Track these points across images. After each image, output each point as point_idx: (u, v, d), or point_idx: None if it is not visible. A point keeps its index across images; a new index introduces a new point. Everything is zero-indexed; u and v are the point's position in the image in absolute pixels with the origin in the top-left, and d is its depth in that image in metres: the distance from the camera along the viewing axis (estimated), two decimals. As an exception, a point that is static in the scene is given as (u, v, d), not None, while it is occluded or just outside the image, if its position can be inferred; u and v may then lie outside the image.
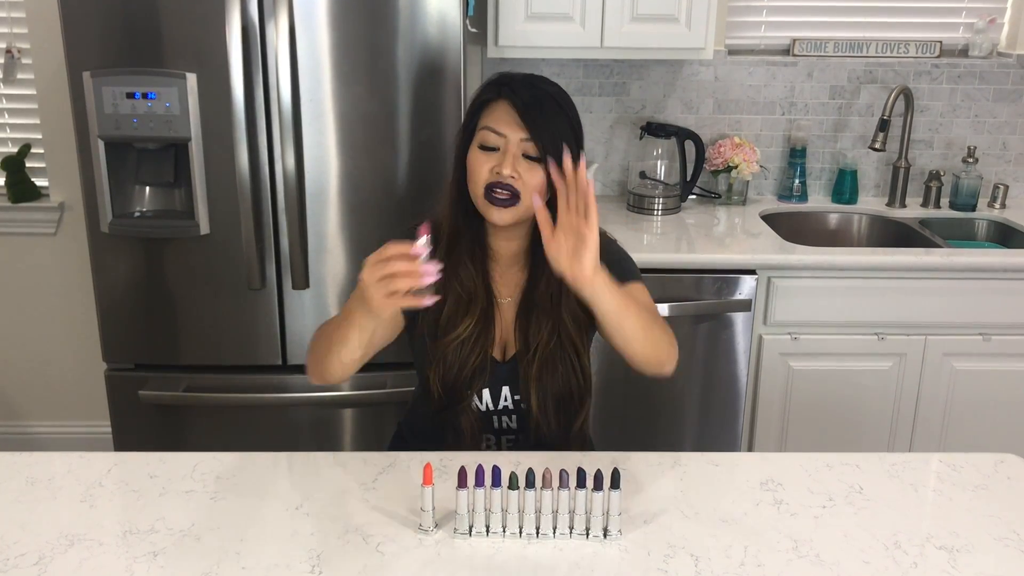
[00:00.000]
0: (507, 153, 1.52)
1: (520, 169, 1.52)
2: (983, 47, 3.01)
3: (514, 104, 1.53)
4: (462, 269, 1.60)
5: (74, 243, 3.00)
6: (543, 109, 1.53)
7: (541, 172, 1.52)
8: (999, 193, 3.01)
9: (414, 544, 1.29)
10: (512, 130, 1.52)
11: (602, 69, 2.99)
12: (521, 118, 1.52)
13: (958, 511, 1.39)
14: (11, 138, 2.99)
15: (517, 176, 1.51)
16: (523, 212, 1.54)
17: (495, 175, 1.52)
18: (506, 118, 1.53)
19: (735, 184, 3.01)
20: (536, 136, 1.51)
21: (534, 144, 1.52)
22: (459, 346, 1.59)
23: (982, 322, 2.57)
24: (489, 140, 1.54)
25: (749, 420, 2.66)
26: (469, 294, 1.60)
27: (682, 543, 1.30)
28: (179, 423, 2.50)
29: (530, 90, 1.55)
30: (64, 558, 1.25)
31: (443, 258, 1.58)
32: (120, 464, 1.51)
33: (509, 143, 1.52)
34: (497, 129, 1.53)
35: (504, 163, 1.51)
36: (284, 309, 2.41)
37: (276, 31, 2.16)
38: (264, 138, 2.27)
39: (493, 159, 1.53)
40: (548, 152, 1.51)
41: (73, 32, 2.20)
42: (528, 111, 1.52)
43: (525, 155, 1.53)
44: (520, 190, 1.52)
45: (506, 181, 1.51)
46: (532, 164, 1.53)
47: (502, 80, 1.58)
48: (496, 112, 1.54)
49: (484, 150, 1.54)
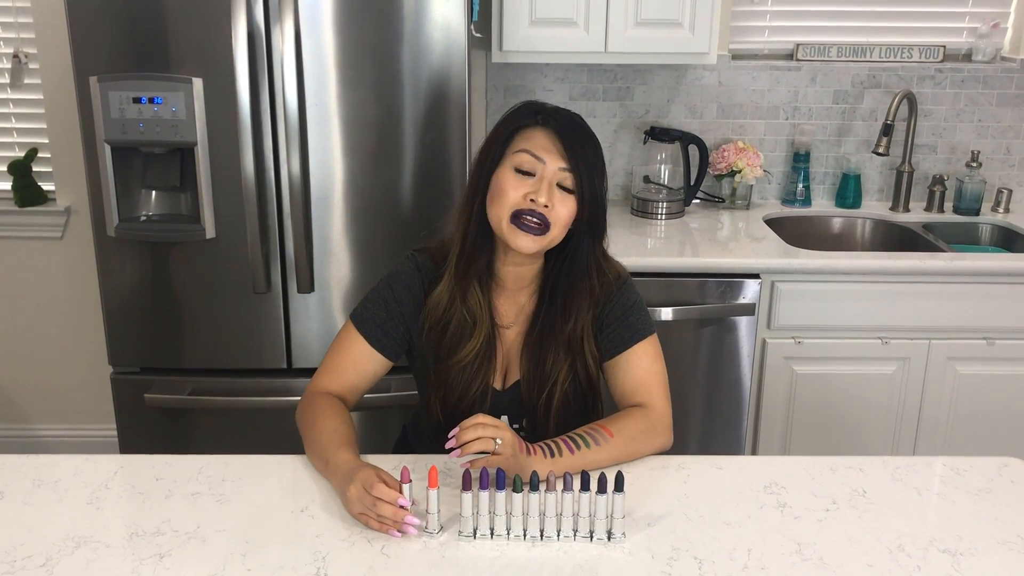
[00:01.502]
0: (543, 180, 1.50)
1: (554, 200, 1.50)
2: (987, 51, 3.01)
3: (557, 132, 1.51)
4: (470, 294, 1.58)
5: (80, 247, 3.01)
6: (581, 141, 1.52)
7: (573, 205, 1.51)
8: (1003, 197, 3.01)
9: (419, 546, 1.29)
10: (552, 158, 1.50)
11: (606, 74, 2.99)
12: (564, 147, 1.50)
13: (962, 515, 1.39)
14: (18, 142, 3.00)
15: (551, 206, 1.50)
16: (547, 243, 1.52)
17: (528, 202, 1.49)
18: (547, 145, 1.51)
19: (739, 188, 3.01)
20: (575, 167, 1.50)
21: (572, 175, 1.50)
22: (461, 371, 1.59)
23: (986, 326, 2.57)
24: (526, 164, 1.51)
25: (753, 424, 2.66)
26: (474, 318, 1.58)
27: (686, 546, 1.30)
28: (185, 426, 2.51)
29: (568, 121, 1.54)
30: (71, 560, 1.26)
31: (453, 279, 1.58)
32: (126, 466, 1.51)
33: (546, 171, 1.50)
34: (537, 154, 1.50)
35: (540, 191, 1.49)
36: (289, 313, 2.42)
37: (282, 36, 2.17)
38: (270, 142, 2.28)
39: (527, 185, 1.50)
40: (583, 186, 1.51)
41: (80, 37, 2.21)
42: (569, 141, 1.51)
43: (559, 185, 1.51)
44: (551, 221, 1.50)
45: (539, 210, 1.49)
46: (565, 195, 1.51)
47: (536, 108, 1.56)
48: (536, 138, 1.52)
49: (519, 173, 1.51)
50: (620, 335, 1.61)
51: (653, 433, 1.55)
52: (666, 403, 1.60)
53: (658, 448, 1.56)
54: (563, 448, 1.44)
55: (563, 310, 1.59)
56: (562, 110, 1.57)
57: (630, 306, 1.63)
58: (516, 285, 1.63)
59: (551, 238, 1.52)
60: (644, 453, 1.54)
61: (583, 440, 1.46)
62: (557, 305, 1.59)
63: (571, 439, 1.46)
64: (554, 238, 1.52)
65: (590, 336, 1.61)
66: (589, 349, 1.61)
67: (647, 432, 1.54)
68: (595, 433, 1.48)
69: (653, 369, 1.61)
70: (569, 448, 1.44)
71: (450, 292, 1.58)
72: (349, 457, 1.41)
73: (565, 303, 1.59)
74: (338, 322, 2.42)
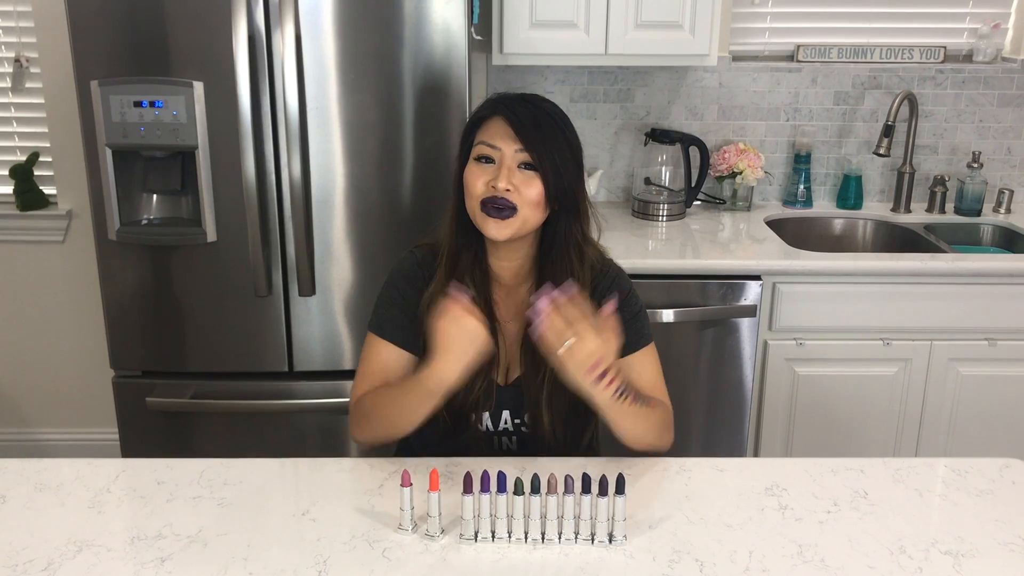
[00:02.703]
0: (502, 166, 1.52)
1: (516, 181, 1.52)
2: (987, 52, 3.01)
3: (508, 118, 1.54)
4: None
5: (82, 251, 3.02)
6: (538, 123, 1.54)
7: (538, 183, 1.52)
8: (1004, 198, 3.01)
9: (420, 549, 1.29)
10: (506, 143, 1.53)
11: (607, 76, 3.00)
12: (515, 131, 1.52)
13: (963, 516, 1.39)
14: (19, 146, 3.00)
15: (513, 189, 1.51)
16: (520, 226, 1.54)
17: (491, 189, 1.52)
18: (500, 131, 1.54)
19: (740, 190, 3.01)
20: (530, 147, 1.52)
21: (529, 154, 1.52)
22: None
23: (988, 327, 2.57)
24: (484, 152, 1.54)
25: (755, 425, 2.66)
26: None
27: (687, 548, 1.30)
28: (186, 429, 2.51)
29: (525, 106, 1.56)
30: (72, 564, 1.26)
31: (444, 279, 1.60)
32: (128, 470, 1.51)
33: (504, 155, 1.53)
34: (491, 142, 1.53)
35: (500, 176, 1.51)
36: (291, 316, 2.42)
37: (282, 39, 2.17)
38: (270, 146, 2.28)
39: (489, 172, 1.53)
40: (544, 161, 1.52)
41: (81, 41, 2.22)
42: (522, 124, 1.53)
43: (523, 166, 1.53)
44: (517, 203, 1.52)
45: (501, 195, 1.51)
46: (529, 175, 1.53)
47: (497, 99, 1.59)
48: (491, 127, 1.55)
49: (479, 163, 1.55)
50: (627, 338, 1.61)
51: (668, 428, 1.60)
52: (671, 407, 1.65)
53: (666, 443, 1.59)
54: (630, 395, 1.45)
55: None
56: (525, 96, 1.59)
57: (636, 311, 1.65)
58: (513, 280, 1.64)
59: (523, 219, 1.53)
60: (655, 443, 1.55)
61: (642, 400, 1.51)
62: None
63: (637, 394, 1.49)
64: (527, 218, 1.53)
65: None
66: None
67: (666, 427, 1.59)
68: (647, 400, 1.53)
69: (658, 377, 1.66)
70: (634, 398, 1.46)
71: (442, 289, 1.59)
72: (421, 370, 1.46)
73: (541, 282, 1.60)
74: (340, 325, 2.43)
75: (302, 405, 2.46)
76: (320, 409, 2.47)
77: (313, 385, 2.47)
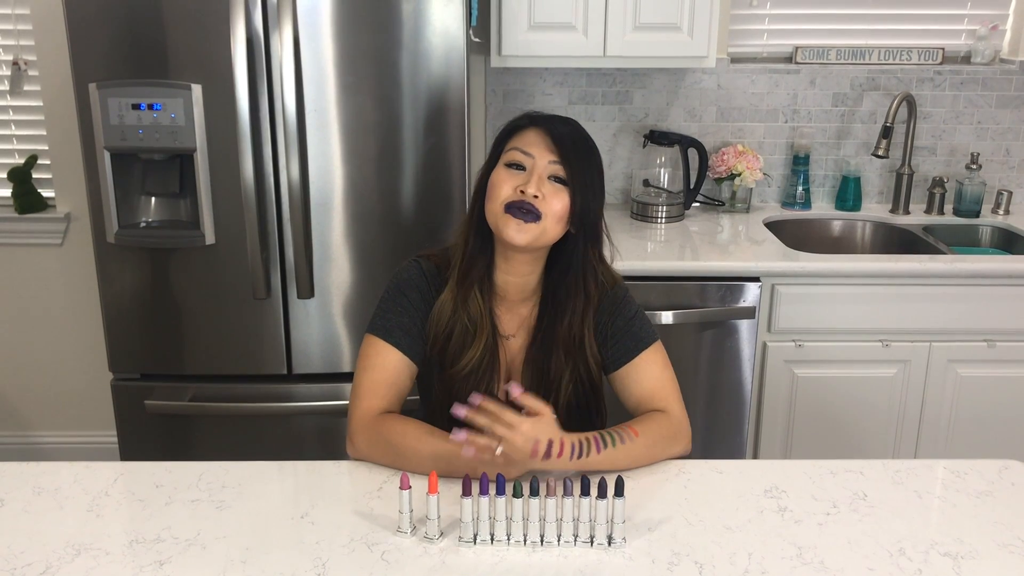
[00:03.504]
0: (534, 173, 1.52)
1: (545, 190, 1.51)
2: (985, 54, 3.01)
3: (547, 130, 1.54)
4: (471, 300, 1.59)
5: (80, 254, 3.02)
6: (575, 141, 1.54)
7: (566, 197, 1.52)
8: (1003, 199, 3.01)
9: (419, 552, 1.29)
10: (541, 152, 1.52)
11: (605, 78, 3.00)
12: (554, 142, 1.52)
13: (962, 518, 1.39)
14: (18, 149, 3.00)
15: (541, 196, 1.50)
16: (540, 234, 1.52)
17: (518, 193, 1.51)
18: (537, 140, 1.53)
19: (738, 191, 3.01)
20: (566, 161, 1.52)
21: (562, 167, 1.52)
22: (464, 380, 1.60)
23: (987, 328, 2.57)
24: (516, 159, 1.53)
25: (754, 427, 2.66)
26: (475, 325, 1.59)
27: (686, 550, 1.30)
28: (185, 432, 2.51)
29: (563, 124, 1.56)
30: (71, 567, 1.26)
31: (456, 287, 1.59)
32: (126, 474, 1.51)
33: (537, 164, 1.52)
34: (526, 149, 1.53)
35: (530, 182, 1.50)
36: (289, 318, 2.42)
37: (280, 42, 2.17)
38: (269, 148, 2.28)
39: (519, 178, 1.52)
40: (576, 178, 1.52)
41: (79, 44, 2.22)
42: (561, 138, 1.53)
43: (552, 178, 1.53)
44: (543, 211, 1.51)
45: (529, 200, 1.50)
46: (558, 188, 1.52)
47: (534, 114, 1.59)
48: (528, 136, 1.55)
49: (509, 168, 1.54)
50: (626, 344, 1.61)
51: (675, 439, 1.56)
52: (683, 409, 1.61)
53: (678, 453, 1.56)
54: (592, 447, 1.43)
55: (557, 311, 1.60)
56: (559, 116, 1.59)
57: (632, 316, 1.64)
58: (517, 296, 1.63)
59: (544, 228, 1.52)
60: (664, 457, 1.54)
61: (611, 438, 1.46)
62: (553, 309, 1.60)
63: (600, 436, 1.46)
64: (547, 229, 1.52)
65: (591, 338, 1.61)
66: (590, 350, 1.61)
67: (670, 438, 1.55)
68: (623, 432, 1.48)
69: (664, 376, 1.62)
70: (597, 446, 1.44)
71: (453, 299, 1.59)
72: None
73: (556, 303, 1.60)
74: (338, 327, 2.43)
75: (301, 408, 2.46)
76: (319, 412, 2.47)
77: (312, 388, 2.47)
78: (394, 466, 1.50)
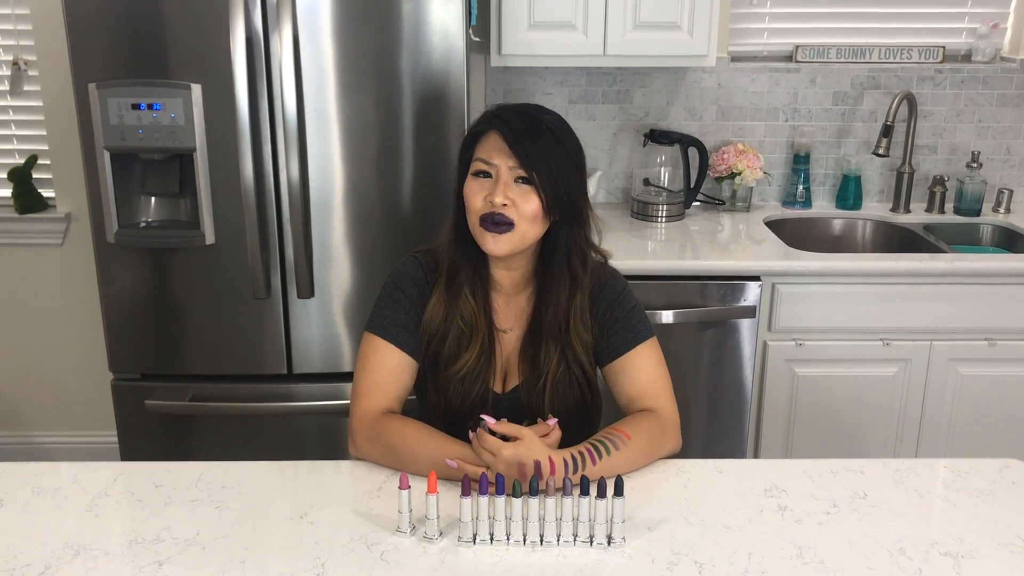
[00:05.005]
0: (498, 181, 1.52)
1: (512, 195, 1.51)
2: (986, 52, 3.01)
3: (503, 133, 1.53)
4: (463, 302, 1.60)
5: (80, 254, 3.02)
6: (534, 136, 1.53)
7: (535, 197, 1.52)
8: (1004, 198, 3.01)
9: (419, 552, 1.29)
10: (502, 158, 1.52)
11: (605, 77, 3.00)
12: (510, 147, 1.52)
13: (963, 517, 1.39)
14: (18, 149, 3.00)
15: (510, 203, 1.51)
16: (518, 241, 1.53)
17: (489, 204, 1.52)
18: (496, 146, 1.53)
19: (739, 190, 3.01)
20: (524, 161, 1.51)
21: (523, 169, 1.51)
22: (460, 381, 1.60)
23: (987, 327, 2.57)
24: (481, 168, 1.54)
25: (754, 426, 2.66)
26: (470, 327, 1.60)
27: (686, 550, 1.30)
28: (185, 432, 2.51)
29: (521, 119, 1.55)
30: (70, 567, 1.26)
31: (444, 291, 1.60)
32: (126, 474, 1.51)
33: (500, 171, 1.52)
34: (487, 159, 1.53)
35: (496, 191, 1.51)
36: (289, 318, 2.42)
37: (280, 41, 2.17)
38: (269, 148, 2.28)
39: (487, 187, 1.53)
40: (540, 173, 1.51)
41: (79, 44, 2.22)
42: (517, 139, 1.52)
43: (519, 180, 1.52)
44: (514, 218, 1.51)
45: (499, 210, 1.51)
46: (525, 190, 1.52)
47: (494, 111, 1.58)
48: (487, 143, 1.55)
49: (477, 178, 1.55)
50: (622, 336, 1.61)
51: (665, 437, 1.56)
52: (674, 406, 1.61)
53: (669, 452, 1.56)
54: (587, 460, 1.43)
55: (544, 298, 1.60)
56: (522, 107, 1.59)
57: (631, 309, 1.64)
58: (513, 288, 1.64)
59: (521, 234, 1.53)
60: (657, 457, 1.54)
61: (604, 446, 1.46)
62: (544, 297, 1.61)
63: (593, 446, 1.45)
64: (524, 233, 1.53)
65: (578, 323, 1.60)
66: (577, 336, 1.61)
67: (660, 436, 1.55)
68: (613, 437, 1.48)
69: (658, 372, 1.62)
70: (592, 458, 1.43)
71: (444, 304, 1.60)
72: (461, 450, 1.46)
73: (542, 290, 1.61)
74: (339, 327, 2.43)
75: (301, 407, 2.46)
76: (319, 411, 2.46)
77: (312, 387, 2.47)
78: (394, 467, 1.50)
